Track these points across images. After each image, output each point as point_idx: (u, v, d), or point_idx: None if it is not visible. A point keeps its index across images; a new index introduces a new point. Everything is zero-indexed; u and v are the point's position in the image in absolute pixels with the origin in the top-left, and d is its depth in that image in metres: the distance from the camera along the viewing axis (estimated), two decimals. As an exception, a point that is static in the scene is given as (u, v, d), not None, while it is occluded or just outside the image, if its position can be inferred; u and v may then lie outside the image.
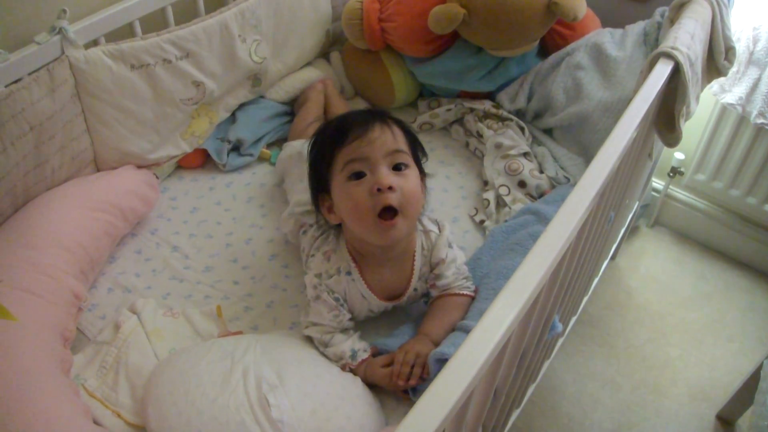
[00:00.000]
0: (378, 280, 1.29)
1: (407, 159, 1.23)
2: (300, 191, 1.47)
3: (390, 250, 1.27)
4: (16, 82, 1.34)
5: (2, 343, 1.11)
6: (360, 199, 1.18)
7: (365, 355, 1.25)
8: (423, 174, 1.32)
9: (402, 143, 1.24)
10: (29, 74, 1.36)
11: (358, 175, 1.20)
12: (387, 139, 1.21)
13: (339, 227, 1.31)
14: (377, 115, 1.26)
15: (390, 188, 1.17)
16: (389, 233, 1.19)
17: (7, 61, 1.33)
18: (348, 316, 1.28)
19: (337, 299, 1.26)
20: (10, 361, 1.09)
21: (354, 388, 1.18)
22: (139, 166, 1.64)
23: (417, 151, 1.30)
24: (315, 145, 1.29)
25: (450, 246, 1.33)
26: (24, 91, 1.33)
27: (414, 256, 1.31)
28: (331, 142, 1.24)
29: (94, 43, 1.51)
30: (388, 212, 1.18)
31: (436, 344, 1.21)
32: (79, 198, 1.44)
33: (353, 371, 1.24)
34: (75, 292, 1.31)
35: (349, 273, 1.28)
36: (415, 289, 1.32)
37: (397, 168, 1.21)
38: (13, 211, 1.40)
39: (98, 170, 1.59)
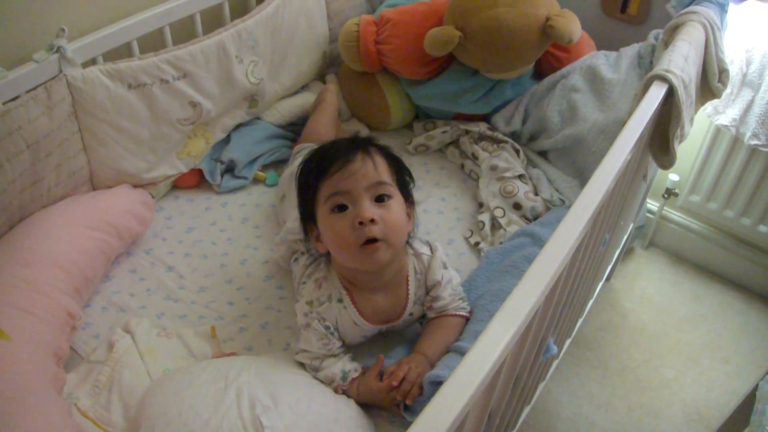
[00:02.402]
0: (371, 307, 1.28)
1: (390, 189, 1.24)
2: (294, 218, 1.46)
3: (379, 276, 1.27)
4: (13, 99, 1.34)
5: (-5, 362, 1.11)
6: (343, 232, 1.19)
7: (356, 374, 1.24)
8: (410, 200, 1.32)
9: (384, 173, 1.24)
10: (27, 92, 1.37)
11: (341, 208, 1.21)
12: (368, 170, 1.21)
13: (329, 255, 1.31)
14: (360, 144, 1.26)
15: (372, 221, 1.18)
16: (372, 257, 1.19)
17: (4, 78, 1.33)
18: (338, 344, 1.27)
19: (327, 327, 1.25)
20: (1, 378, 1.08)
21: (347, 410, 1.18)
22: (135, 186, 1.63)
23: (403, 177, 1.30)
24: (301, 176, 1.30)
25: (445, 267, 1.33)
26: (21, 108, 1.33)
27: (407, 280, 1.30)
28: (315, 173, 1.25)
29: (92, 62, 1.52)
30: (371, 241, 1.19)
31: (432, 364, 1.20)
32: (74, 216, 1.44)
33: (346, 393, 1.23)
34: (69, 310, 1.31)
35: (340, 300, 1.27)
36: (411, 314, 1.32)
37: (379, 199, 1.22)
38: (8, 228, 1.40)
39: (94, 189, 1.59)
